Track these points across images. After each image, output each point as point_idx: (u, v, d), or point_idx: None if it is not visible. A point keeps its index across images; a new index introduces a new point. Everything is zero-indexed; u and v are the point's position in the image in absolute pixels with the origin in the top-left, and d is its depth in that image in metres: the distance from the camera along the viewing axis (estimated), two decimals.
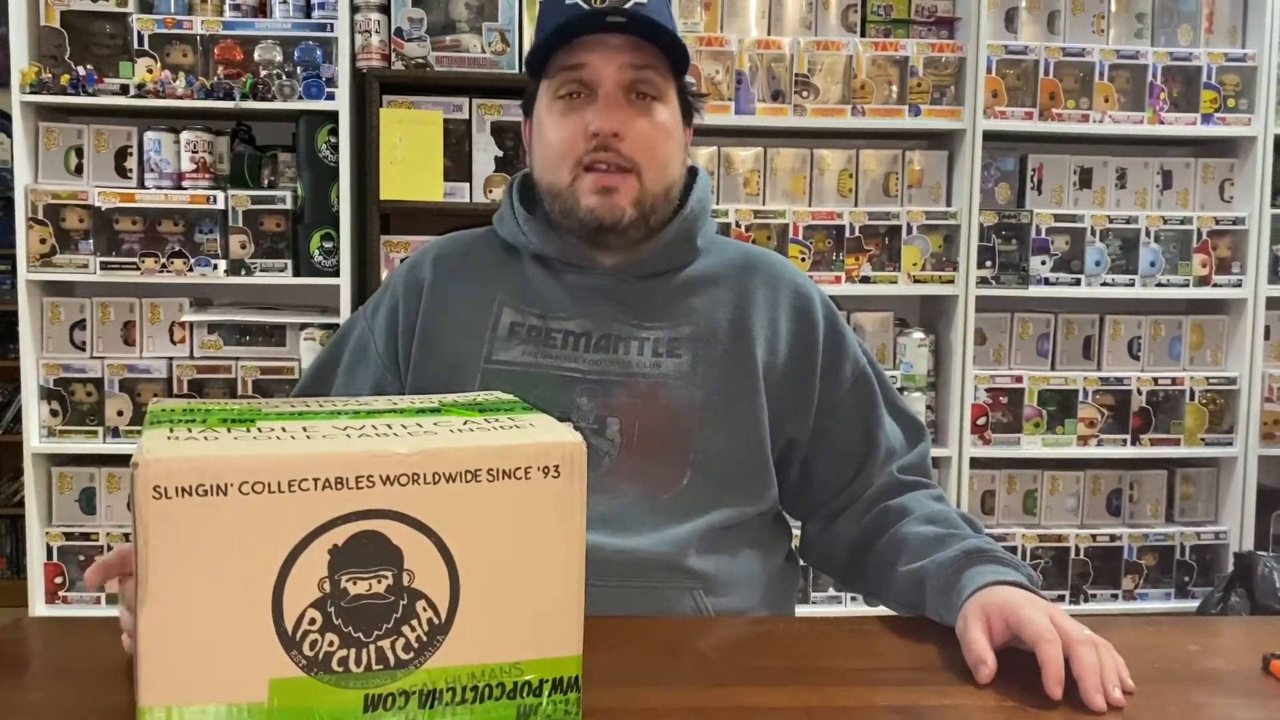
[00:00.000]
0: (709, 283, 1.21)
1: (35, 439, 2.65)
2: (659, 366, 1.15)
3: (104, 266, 2.61)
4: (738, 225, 2.73)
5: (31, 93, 2.56)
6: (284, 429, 0.71)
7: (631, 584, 1.09)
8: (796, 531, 1.30)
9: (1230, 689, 0.90)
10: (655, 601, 1.09)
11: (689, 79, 1.26)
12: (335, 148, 2.62)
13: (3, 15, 2.74)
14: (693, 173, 1.26)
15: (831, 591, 2.84)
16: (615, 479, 1.12)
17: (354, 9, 2.64)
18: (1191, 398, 2.90)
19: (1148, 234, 2.86)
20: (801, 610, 2.14)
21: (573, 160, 1.14)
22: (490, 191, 2.66)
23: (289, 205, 2.65)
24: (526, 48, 1.22)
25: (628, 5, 1.11)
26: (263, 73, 2.60)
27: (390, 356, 1.23)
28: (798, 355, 1.20)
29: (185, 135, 2.62)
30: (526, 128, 1.25)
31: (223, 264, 2.63)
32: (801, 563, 1.32)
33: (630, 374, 1.15)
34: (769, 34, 2.79)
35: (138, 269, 2.62)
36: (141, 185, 2.65)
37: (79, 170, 2.67)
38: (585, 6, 1.12)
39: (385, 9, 2.66)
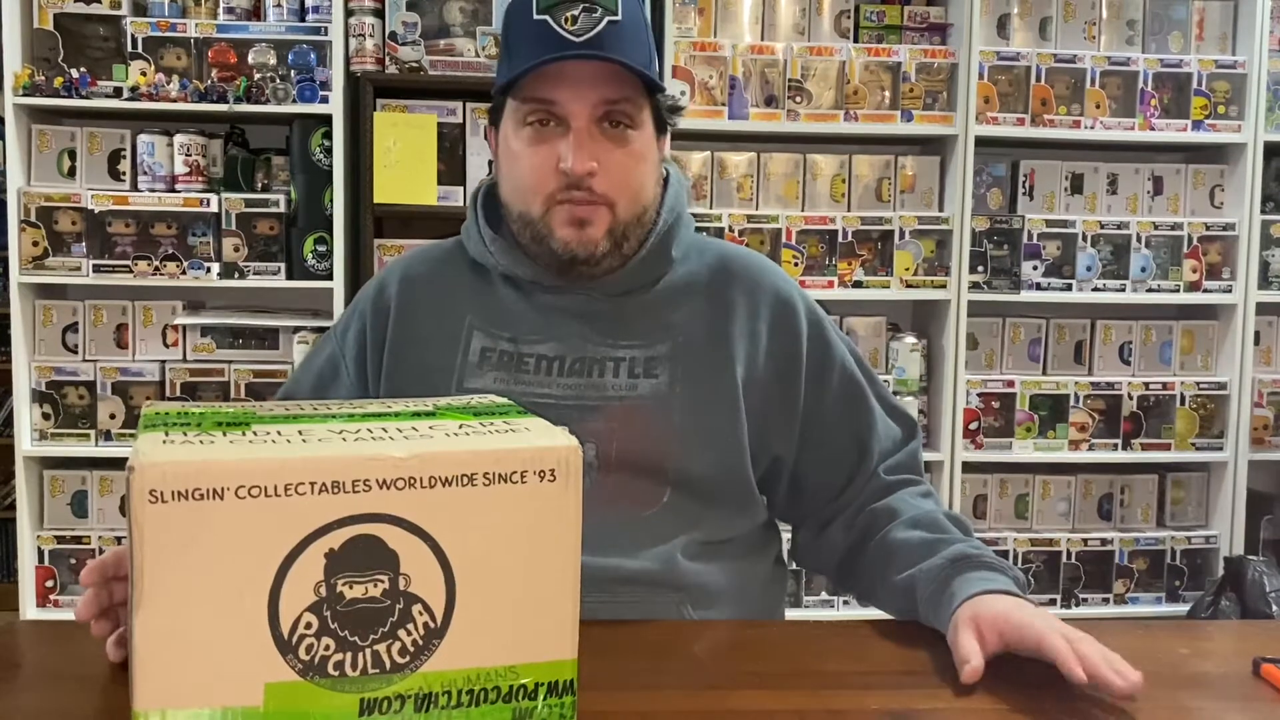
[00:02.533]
0: (686, 293, 1.18)
1: (27, 442, 2.64)
2: (635, 388, 1.13)
3: (97, 269, 2.61)
4: (730, 230, 2.73)
5: (24, 95, 2.55)
6: (279, 432, 0.71)
7: (618, 598, 1.08)
8: (786, 533, 1.30)
9: (1221, 692, 0.90)
10: (642, 614, 1.08)
11: (674, 97, 1.22)
12: (329, 151, 2.62)
13: None
14: (666, 177, 1.21)
15: (823, 595, 2.84)
16: (594, 501, 1.10)
17: (348, 12, 2.64)
18: (1182, 402, 2.92)
19: (1139, 239, 2.87)
20: (793, 613, 2.14)
21: (544, 194, 1.10)
22: None
23: (282, 208, 2.65)
24: None
25: (598, 27, 1.05)
26: (256, 76, 2.60)
27: (360, 378, 1.21)
28: (780, 369, 1.17)
29: (178, 138, 2.62)
30: (493, 137, 1.20)
31: (216, 267, 2.63)
32: (793, 566, 1.31)
33: (606, 398, 1.12)
34: (762, 39, 2.80)
35: (130, 272, 2.61)
36: (134, 188, 2.65)
37: (72, 173, 2.67)
38: (554, 28, 1.05)
39: (379, 13, 2.66)
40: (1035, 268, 2.84)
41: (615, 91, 1.09)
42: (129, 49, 2.61)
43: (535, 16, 1.07)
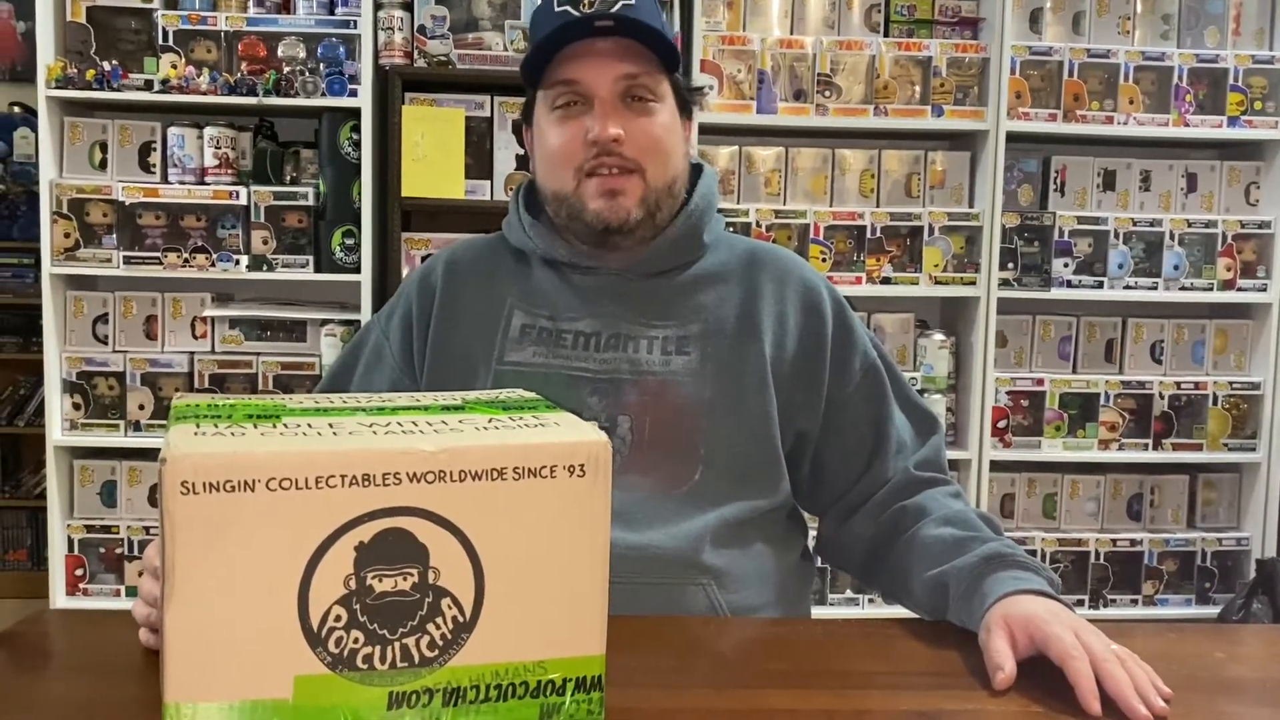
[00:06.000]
0: (717, 279, 1.22)
1: (57, 432, 2.67)
2: (668, 364, 1.17)
3: (127, 261, 2.63)
4: (758, 225, 2.72)
5: (57, 88, 2.58)
6: (310, 425, 0.71)
7: (645, 580, 1.09)
8: (813, 529, 1.29)
9: (1257, 698, 0.89)
10: (669, 597, 1.10)
11: (704, 84, 1.26)
12: (357, 144, 2.63)
13: (30, 11, 2.76)
14: (698, 170, 1.27)
15: (849, 593, 2.83)
16: (627, 474, 1.13)
17: (377, 6, 2.65)
18: (1214, 402, 2.88)
19: (1171, 237, 2.84)
20: (818, 611, 2.13)
21: (574, 167, 1.16)
22: (511, 189, 2.67)
23: (311, 201, 2.66)
24: None
25: (615, 9, 1.13)
26: (286, 69, 2.61)
27: (405, 359, 1.25)
28: (806, 349, 1.20)
29: (209, 131, 2.63)
30: (528, 136, 1.26)
31: (245, 259, 2.64)
32: (819, 562, 1.32)
33: (640, 372, 1.16)
34: (791, 33, 2.78)
35: (160, 264, 2.63)
36: (165, 180, 2.67)
37: (103, 165, 2.69)
38: (574, 14, 1.13)
39: (408, 6, 2.66)
40: (1066, 265, 2.82)
41: (634, 66, 1.15)
42: (160, 42, 2.63)
43: (557, 9, 1.14)
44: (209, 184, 2.64)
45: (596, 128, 1.14)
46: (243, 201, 2.63)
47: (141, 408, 2.69)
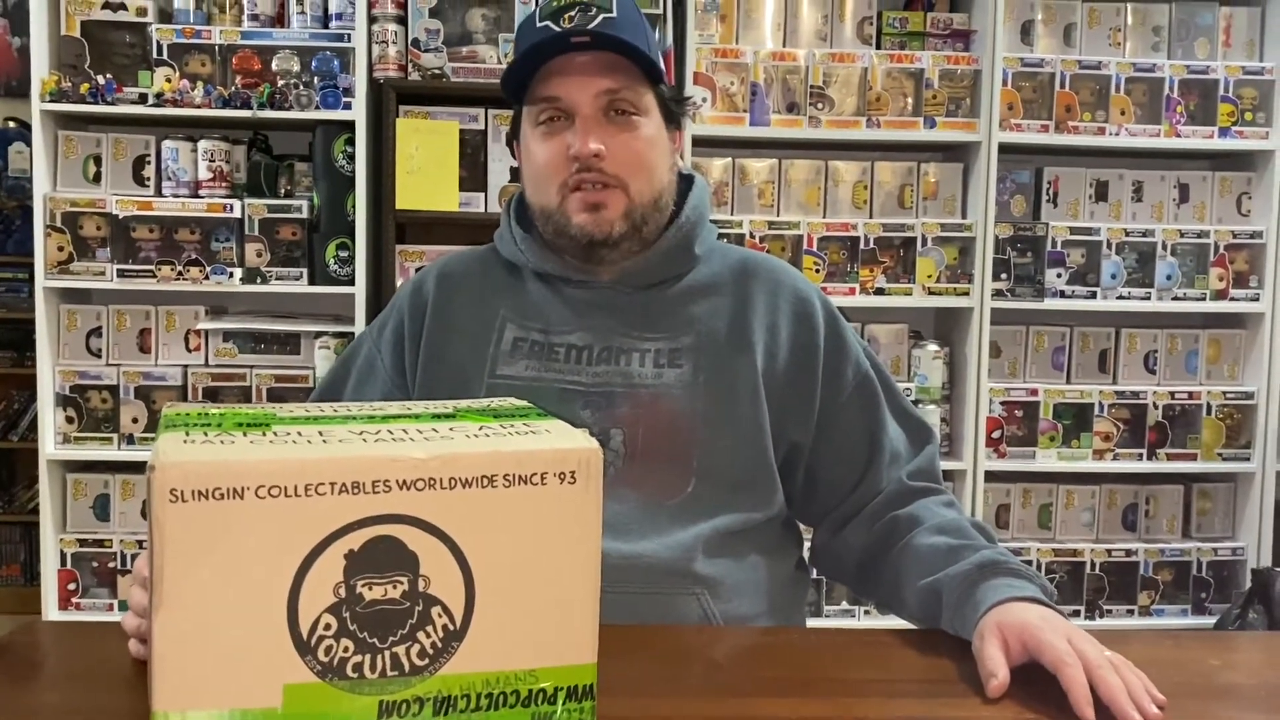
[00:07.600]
0: (709, 291, 1.22)
1: (50, 445, 2.66)
2: (661, 377, 1.16)
3: (121, 274, 2.62)
4: (752, 236, 2.73)
5: (51, 101, 2.58)
6: (299, 433, 0.71)
7: (638, 590, 1.09)
8: (808, 540, 1.29)
9: (1253, 705, 0.89)
10: (661, 607, 1.10)
11: (691, 95, 1.26)
12: (351, 157, 2.63)
13: (24, 25, 2.77)
14: (689, 180, 1.27)
15: (844, 604, 2.83)
16: (620, 486, 1.12)
17: (371, 20, 2.65)
18: (1208, 412, 2.88)
19: (1164, 247, 2.85)
20: (813, 622, 2.13)
21: (558, 182, 1.16)
22: (505, 201, 2.67)
23: (305, 214, 2.66)
24: None
25: (594, 24, 1.12)
26: (280, 82, 2.61)
27: (398, 372, 1.25)
28: (798, 360, 1.20)
29: (203, 144, 2.64)
30: (517, 150, 1.26)
31: (238, 272, 2.64)
32: (814, 573, 1.31)
33: (632, 385, 1.16)
34: (784, 46, 2.79)
35: (154, 277, 2.63)
36: (159, 194, 2.67)
37: (97, 178, 2.69)
38: (554, 29, 1.13)
39: (402, 20, 2.67)
40: (1059, 275, 2.82)
41: (615, 81, 1.15)
42: (154, 55, 2.63)
43: (538, 24, 1.15)
44: (203, 197, 2.64)
45: (577, 143, 1.14)
46: (236, 214, 2.63)
47: (135, 421, 2.68)
